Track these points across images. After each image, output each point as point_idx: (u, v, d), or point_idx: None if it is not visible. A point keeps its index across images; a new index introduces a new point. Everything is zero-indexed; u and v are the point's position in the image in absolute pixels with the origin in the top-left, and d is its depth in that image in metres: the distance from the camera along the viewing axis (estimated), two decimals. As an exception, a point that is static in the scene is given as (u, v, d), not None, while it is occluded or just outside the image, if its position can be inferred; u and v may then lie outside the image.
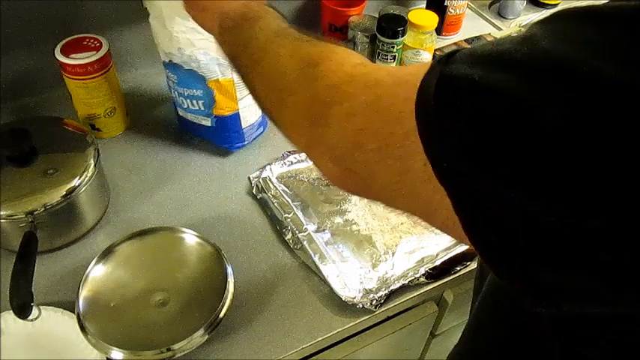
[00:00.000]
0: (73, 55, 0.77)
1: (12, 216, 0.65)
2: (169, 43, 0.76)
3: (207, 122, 0.84)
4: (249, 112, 0.85)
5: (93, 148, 0.72)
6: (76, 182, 0.68)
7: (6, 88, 0.89)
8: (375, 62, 0.98)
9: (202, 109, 0.82)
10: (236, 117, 0.83)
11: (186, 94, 0.81)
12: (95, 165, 0.71)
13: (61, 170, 0.69)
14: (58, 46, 0.78)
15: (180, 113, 0.86)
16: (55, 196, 0.66)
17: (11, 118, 0.88)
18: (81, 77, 0.79)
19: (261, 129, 0.89)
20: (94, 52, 0.78)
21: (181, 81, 0.80)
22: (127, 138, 0.88)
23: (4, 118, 0.88)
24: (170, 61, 0.78)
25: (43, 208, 0.66)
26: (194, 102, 0.82)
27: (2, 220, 0.65)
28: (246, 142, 0.87)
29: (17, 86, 0.90)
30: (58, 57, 0.77)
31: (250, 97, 0.83)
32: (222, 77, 0.78)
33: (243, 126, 0.85)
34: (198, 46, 0.75)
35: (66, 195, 0.67)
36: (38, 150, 0.69)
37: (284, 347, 0.64)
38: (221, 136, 0.85)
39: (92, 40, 0.79)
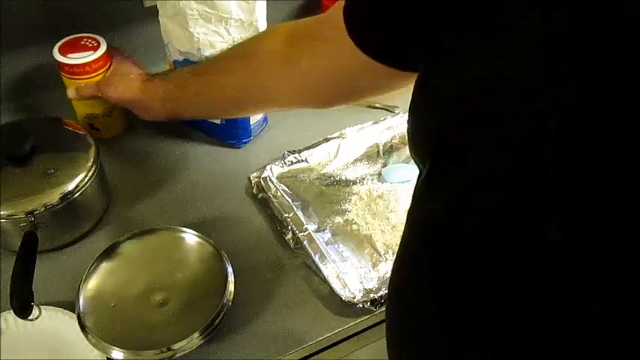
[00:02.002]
0: (70, 55, 0.77)
1: (12, 216, 0.65)
2: (188, 43, 0.76)
3: (216, 120, 0.84)
4: None
5: (93, 148, 0.72)
6: (76, 182, 0.68)
7: (6, 88, 0.89)
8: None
9: None
10: None
11: None
12: (95, 165, 0.71)
13: (61, 170, 0.69)
14: (56, 46, 0.78)
15: None
16: (55, 196, 0.66)
17: (11, 118, 0.88)
18: (79, 77, 0.78)
19: (265, 123, 0.90)
20: (92, 51, 0.78)
21: None
22: (126, 138, 0.88)
23: (4, 118, 0.88)
24: (185, 59, 0.78)
25: (43, 208, 0.66)
26: None
27: (2, 220, 0.65)
28: (252, 137, 0.87)
29: (17, 86, 0.90)
30: (56, 57, 0.77)
31: None
32: None
33: (252, 122, 0.85)
34: (218, 48, 0.76)
35: (66, 195, 0.67)
36: (38, 150, 0.69)
37: (284, 347, 0.64)
38: (229, 133, 0.86)
39: (90, 40, 0.79)
